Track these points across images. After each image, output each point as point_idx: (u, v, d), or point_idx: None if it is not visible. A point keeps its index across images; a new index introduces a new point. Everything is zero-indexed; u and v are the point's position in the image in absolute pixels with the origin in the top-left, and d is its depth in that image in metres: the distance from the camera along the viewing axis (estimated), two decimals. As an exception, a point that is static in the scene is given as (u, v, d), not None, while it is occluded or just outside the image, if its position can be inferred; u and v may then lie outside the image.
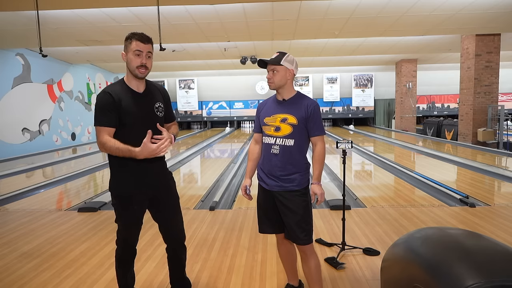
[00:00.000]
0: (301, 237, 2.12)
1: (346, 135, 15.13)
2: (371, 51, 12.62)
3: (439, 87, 18.53)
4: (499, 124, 10.09)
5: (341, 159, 2.97)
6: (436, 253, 1.52)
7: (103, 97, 1.96)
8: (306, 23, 8.26)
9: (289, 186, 2.13)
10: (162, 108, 2.14)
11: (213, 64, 15.03)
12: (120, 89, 2.01)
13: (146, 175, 2.07)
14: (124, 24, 7.89)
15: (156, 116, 2.09)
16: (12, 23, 7.65)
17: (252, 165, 2.33)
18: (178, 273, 2.35)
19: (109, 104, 1.95)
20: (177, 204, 2.26)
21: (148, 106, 2.07)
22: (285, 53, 2.15)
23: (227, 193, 5.38)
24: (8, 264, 3.03)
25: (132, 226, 2.15)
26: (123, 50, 2.03)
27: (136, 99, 2.03)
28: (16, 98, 10.40)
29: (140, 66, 1.98)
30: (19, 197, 5.41)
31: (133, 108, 2.00)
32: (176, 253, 2.29)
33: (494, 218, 3.92)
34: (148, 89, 2.11)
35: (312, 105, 2.14)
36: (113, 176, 2.10)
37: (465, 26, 8.90)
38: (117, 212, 2.13)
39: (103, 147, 1.94)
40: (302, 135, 2.15)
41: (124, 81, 2.06)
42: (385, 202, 4.64)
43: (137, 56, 1.97)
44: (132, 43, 1.97)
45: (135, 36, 1.98)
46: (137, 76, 2.01)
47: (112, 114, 1.95)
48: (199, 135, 16.08)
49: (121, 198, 2.08)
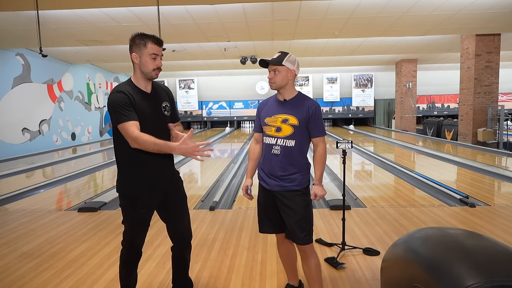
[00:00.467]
0: (301, 237, 2.12)
1: (346, 135, 15.14)
2: (371, 51, 12.62)
3: (439, 87, 18.53)
4: (499, 124, 10.09)
5: (341, 159, 2.97)
6: (436, 253, 1.52)
7: (119, 96, 1.93)
8: (306, 23, 8.26)
9: (289, 186, 2.13)
10: (169, 107, 2.16)
11: (213, 64, 15.03)
12: (131, 88, 2.01)
13: (157, 177, 2.06)
14: (124, 24, 7.89)
15: (164, 115, 2.10)
16: (12, 23, 7.65)
17: (252, 164, 2.33)
18: (182, 273, 2.34)
19: (127, 101, 1.94)
20: (185, 204, 2.26)
21: (157, 105, 2.08)
22: (287, 53, 2.14)
23: (227, 193, 5.38)
24: (8, 264, 3.03)
25: (139, 228, 2.13)
26: (133, 51, 1.99)
27: (145, 99, 2.04)
28: (16, 98, 10.40)
29: (156, 69, 2.01)
30: (19, 197, 5.41)
31: (144, 107, 2.01)
32: (183, 253, 2.28)
33: (494, 218, 3.92)
34: (155, 89, 2.13)
35: (313, 106, 2.14)
36: (121, 177, 2.08)
37: (465, 26, 8.90)
38: (124, 213, 2.11)
39: (136, 142, 1.86)
40: (303, 136, 2.15)
41: (132, 81, 2.06)
42: (385, 202, 4.64)
43: (153, 59, 1.99)
44: (147, 46, 1.96)
45: (150, 38, 1.97)
46: (152, 78, 2.03)
47: (132, 109, 1.94)
48: (199, 135, 16.08)
49: (129, 199, 2.06)
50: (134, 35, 1.99)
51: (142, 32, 1.99)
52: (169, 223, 2.23)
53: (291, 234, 2.16)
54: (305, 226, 2.12)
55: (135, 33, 1.99)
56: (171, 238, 2.27)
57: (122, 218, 2.13)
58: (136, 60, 2.00)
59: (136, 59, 2.00)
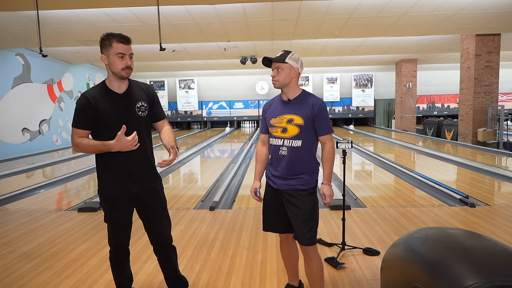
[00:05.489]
0: (307, 237, 2.09)
1: (346, 135, 15.13)
2: (371, 51, 12.62)
3: (439, 87, 18.53)
4: (499, 124, 10.09)
5: (341, 159, 2.97)
6: (436, 253, 1.52)
7: (79, 100, 2.01)
8: (306, 23, 8.26)
9: (296, 185, 2.11)
10: (146, 107, 2.11)
11: (213, 64, 15.03)
12: (99, 92, 2.02)
13: (129, 177, 2.08)
14: (124, 24, 7.89)
15: (137, 116, 2.07)
16: (12, 23, 7.65)
17: (260, 167, 2.30)
18: (172, 273, 2.36)
19: (85, 107, 1.98)
20: (163, 207, 2.25)
21: (128, 106, 2.06)
22: (290, 51, 2.12)
23: (227, 193, 5.38)
24: (8, 264, 3.03)
25: (120, 226, 2.16)
26: (102, 52, 1.99)
27: (114, 101, 2.03)
28: (16, 98, 10.40)
29: (125, 68, 1.98)
30: (19, 197, 5.41)
31: (111, 110, 2.01)
32: (165, 254, 2.30)
33: (494, 218, 3.92)
34: (130, 89, 2.09)
35: (318, 104, 2.11)
36: (98, 178, 2.13)
37: (465, 26, 8.90)
38: (104, 212, 2.17)
39: (78, 147, 2.00)
40: (310, 135, 2.12)
41: (105, 82, 2.06)
42: (385, 202, 4.64)
43: (120, 58, 1.96)
44: (113, 45, 1.94)
45: (115, 37, 1.94)
46: (123, 77, 2.01)
47: (86, 117, 1.99)
48: (199, 135, 16.07)
49: (106, 199, 2.12)
50: (102, 36, 1.97)
51: (109, 32, 1.98)
52: (145, 225, 2.25)
53: (296, 233, 2.13)
54: (311, 226, 2.10)
55: (103, 34, 1.98)
56: (150, 240, 2.29)
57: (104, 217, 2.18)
58: (105, 61, 2.00)
59: (105, 60, 2.00)
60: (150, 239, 2.28)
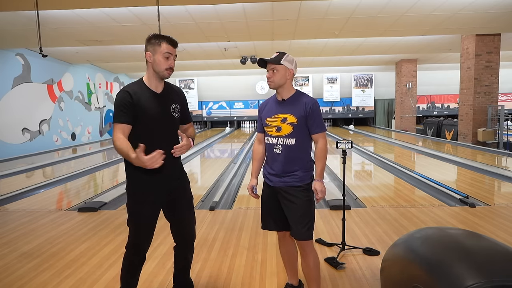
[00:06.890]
0: (302, 232, 2.13)
1: (346, 135, 15.14)
2: (371, 51, 12.62)
3: (439, 87, 18.53)
4: (499, 124, 10.09)
5: (341, 159, 2.98)
6: (436, 253, 1.52)
7: (120, 95, 2.00)
8: (306, 23, 8.26)
9: (291, 182, 2.16)
10: (179, 109, 2.17)
11: (213, 64, 15.03)
12: (139, 89, 2.05)
13: (162, 178, 2.06)
14: (124, 24, 7.89)
15: (172, 117, 2.12)
16: (12, 23, 7.65)
17: (257, 165, 2.37)
18: (183, 273, 2.34)
19: (126, 102, 1.98)
20: (191, 205, 2.27)
21: (165, 106, 2.10)
22: (285, 53, 2.19)
23: (227, 193, 5.38)
24: (8, 264, 3.03)
25: (145, 229, 2.12)
26: (147, 50, 2.05)
27: (154, 99, 2.06)
28: (16, 98, 10.40)
29: (168, 68, 2.05)
30: (19, 197, 5.41)
31: (151, 107, 2.03)
32: (185, 253, 2.29)
33: (494, 218, 3.92)
34: (166, 90, 2.14)
35: (310, 103, 2.17)
36: (128, 176, 2.10)
37: (465, 26, 8.90)
38: (130, 213, 2.11)
39: (114, 144, 1.96)
40: (303, 134, 2.18)
41: (143, 81, 2.09)
42: (385, 202, 4.64)
43: (166, 58, 2.03)
44: (162, 45, 2.02)
45: (165, 38, 2.03)
46: (164, 77, 2.07)
47: (128, 112, 1.98)
48: (199, 135, 16.07)
49: (135, 198, 2.08)
50: (150, 36, 2.05)
51: (158, 33, 2.06)
52: (173, 223, 2.23)
53: (292, 229, 2.17)
54: (306, 221, 2.14)
55: (151, 34, 2.06)
56: (174, 238, 2.27)
57: (127, 219, 2.12)
58: (150, 59, 2.04)
59: (149, 58, 2.05)
60: (177, 237, 2.25)
